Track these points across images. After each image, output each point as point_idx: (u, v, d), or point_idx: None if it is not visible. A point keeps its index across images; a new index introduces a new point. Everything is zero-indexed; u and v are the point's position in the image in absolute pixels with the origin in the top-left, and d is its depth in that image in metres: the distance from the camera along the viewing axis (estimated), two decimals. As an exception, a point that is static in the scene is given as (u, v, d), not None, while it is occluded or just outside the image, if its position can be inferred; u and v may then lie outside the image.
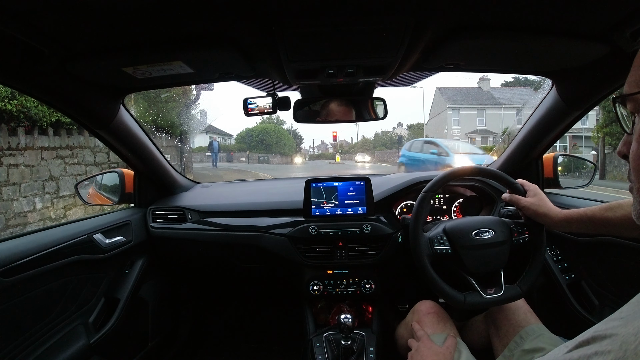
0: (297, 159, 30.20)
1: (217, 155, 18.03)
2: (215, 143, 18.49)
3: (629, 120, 0.41)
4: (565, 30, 0.76)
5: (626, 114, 0.41)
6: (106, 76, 0.94)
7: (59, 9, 0.61)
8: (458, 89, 27.74)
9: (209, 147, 18.53)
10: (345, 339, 1.09)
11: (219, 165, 17.50)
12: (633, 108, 0.39)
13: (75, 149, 5.32)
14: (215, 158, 17.69)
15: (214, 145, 18.12)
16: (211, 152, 17.96)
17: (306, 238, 1.27)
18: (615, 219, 0.79)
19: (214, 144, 18.29)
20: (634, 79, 0.39)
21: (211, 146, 18.26)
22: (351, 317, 1.07)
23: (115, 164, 5.95)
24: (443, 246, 1.02)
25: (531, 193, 0.98)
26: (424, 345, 0.91)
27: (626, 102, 0.40)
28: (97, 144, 5.66)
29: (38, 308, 0.98)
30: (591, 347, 0.30)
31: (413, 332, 1.02)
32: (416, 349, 0.93)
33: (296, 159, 29.75)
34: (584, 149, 17.27)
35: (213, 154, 17.54)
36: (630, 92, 0.39)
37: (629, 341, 0.27)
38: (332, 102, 1.21)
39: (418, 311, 1.07)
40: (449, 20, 0.73)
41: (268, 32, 0.73)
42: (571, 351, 0.32)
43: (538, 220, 0.97)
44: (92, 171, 5.58)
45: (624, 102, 0.40)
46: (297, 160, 29.77)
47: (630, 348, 0.26)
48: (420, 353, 0.90)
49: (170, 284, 1.61)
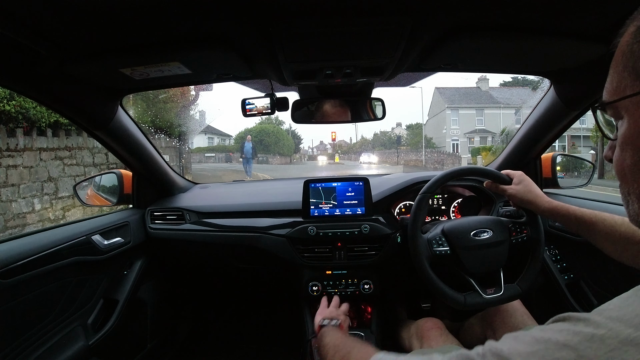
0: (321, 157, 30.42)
1: (251, 161, 12.42)
2: (249, 145, 12.41)
3: (612, 127, 0.40)
4: (563, 30, 0.76)
5: (606, 120, 0.41)
6: (104, 77, 0.94)
7: (57, 11, 0.61)
8: (457, 89, 27.77)
9: (242, 150, 12.57)
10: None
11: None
12: (613, 115, 0.39)
13: (74, 150, 5.31)
14: (249, 165, 12.24)
15: (247, 147, 12.28)
16: (244, 157, 12.47)
17: (305, 239, 1.27)
18: (601, 227, 0.76)
19: (246, 146, 12.37)
20: (612, 85, 0.38)
21: (244, 149, 12.39)
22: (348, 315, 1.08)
23: (114, 164, 5.92)
24: (442, 247, 1.02)
25: (517, 180, 0.96)
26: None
27: (606, 109, 0.39)
28: (95, 145, 5.62)
29: (37, 309, 0.98)
30: (564, 323, 0.31)
31: (412, 345, 1.03)
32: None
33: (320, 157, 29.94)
34: (583, 148, 17.28)
35: (245, 159, 12.32)
36: (610, 100, 0.38)
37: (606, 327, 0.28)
38: (330, 102, 1.21)
39: (422, 327, 1.07)
40: (447, 20, 0.73)
41: (265, 33, 0.73)
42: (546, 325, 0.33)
43: (526, 207, 0.96)
44: (91, 172, 5.53)
45: (604, 109, 0.40)
46: (321, 158, 29.98)
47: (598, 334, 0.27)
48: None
49: (169, 285, 1.61)
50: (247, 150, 12.19)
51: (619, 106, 0.37)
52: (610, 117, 0.39)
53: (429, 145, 27.39)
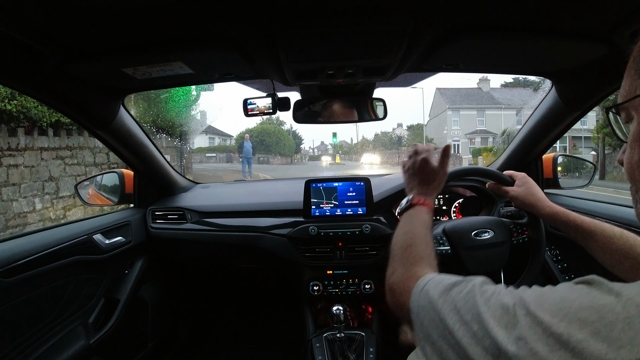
0: (325, 157, 30.05)
1: (251, 160, 11.93)
2: (248, 144, 11.97)
3: (625, 128, 0.41)
4: (564, 30, 0.76)
5: (621, 122, 0.42)
6: (106, 77, 0.94)
7: (60, 11, 0.61)
8: (458, 89, 27.67)
9: (239, 150, 12.29)
10: (339, 330, 1.10)
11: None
12: (626, 117, 0.40)
13: (75, 149, 5.27)
14: (249, 165, 11.72)
15: (246, 146, 11.79)
16: (242, 157, 11.99)
17: (306, 238, 1.27)
18: (599, 237, 0.75)
19: (245, 145, 11.85)
20: (625, 90, 0.40)
21: (242, 148, 11.89)
22: (343, 308, 1.09)
23: (115, 164, 5.87)
24: (443, 247, 1.02)
25: (519, 182, 0.96)
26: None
27: (619, 111, 0.41)
28: (96, 145, 5.57)
29: (38, 308, 0.98)
30: (590, 287, 0.32)
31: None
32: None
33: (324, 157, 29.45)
34: (584, 149, 17.25)
35: (244, 158, 11.74)
36: (621, 101, 0.40)
37: None
38: (331, 102, 1.22)
39: None
40: (448, 21, 0.73)
41: (268, 33, 0.73)
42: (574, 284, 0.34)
43: (527, 210, 0.96)
44: (92, 172, 5.49)
45: (617, 111, 0.41)
46: (325, 158, 29.61)
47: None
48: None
49: (170, 284, 1.61)
50: (246, 149, 11.77)
51: (629, 106, 0.39)
52: (623, 120, 0.41)
53: (429, 146, 27.26)
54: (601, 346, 0.27)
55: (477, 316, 0.35)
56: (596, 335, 0.28)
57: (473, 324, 0.35)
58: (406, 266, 0.57)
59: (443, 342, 0.38)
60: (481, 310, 0.36)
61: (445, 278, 0.45)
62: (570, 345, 0.28)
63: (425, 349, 0.42)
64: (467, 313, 0.37)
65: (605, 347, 0.27)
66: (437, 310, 0.41)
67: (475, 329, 0.35)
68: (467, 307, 0.37)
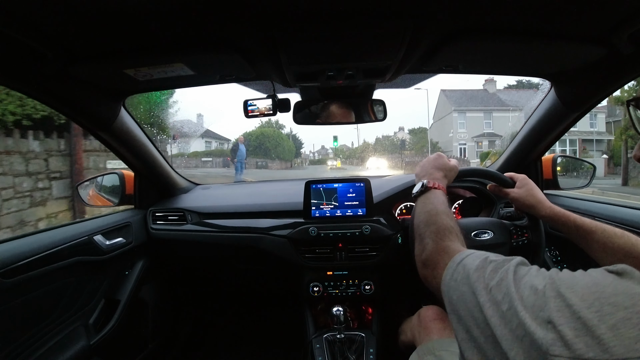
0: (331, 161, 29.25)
1: (243, 164, 11.64)
2: (243, 147, 11.60)
3: None
4: (563, 33, 0.77)
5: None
6: (108, 78, 0.95)
7: (62, 12, 0.62)
8: (463, 91, 26.54)
9: (233, 152, 11.67)
10: (339, 331, 1.10)
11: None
12: None
13: (1, 154, 3.92)
14: (241, 168, 11.35)
15: (241, 149, 11.36)
16: (237, 160, 11.33)
17: (306, 239, 1.27)
18: (600, 237, 0.75)
19: (240, 148, 11.38)
20: None
21: (236, 152, 11.39)
22: (343, 309, 1.09)
23: (57, 172, 4.66)
24: None
25: (520, 184, 0.96)
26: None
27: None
28: (30, 149, 4.39)
29: (38, 309, 0.98)
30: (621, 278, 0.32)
31: (414, 336, 1.02)
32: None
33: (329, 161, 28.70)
34: (595, 152, 16.95)
35: (238, 162, 11.24)
36: None
37: None
38: (332, 104, 1.22)
39: (424, 317, 1.06)
40: (448, 23, 0.73)
41: (269, 36, 0.73)
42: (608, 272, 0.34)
43: (527, 212, 0.96)
44: (23, 183, 4.30)
45: (638, 104, 0.41)
46: (331, 162, 28.82)
47: None
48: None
49: (170, 285, 1.61)
50: (240, 153, 11.23)
51: None
52: None
53: (435, 150, 26.67)
54: (632, 333, 0.27)
55: (508, 296, 0.35)
56: (628, 322, 0.28)
57: (503, 304, 0.35)
58: (436, 240, 0.59)
59: (470, 318, 0.38)
60: (512, 291, 0.36)
61: (483, 255, 0.45)
62: (597, 333, 0.28)
63: (453, 321, 0.42)
64: (499, 293, 0.37)
65: (636, 333, 0.27)
66: (471, 284, 0.41)
67: (504, 309, 0.35)
68: (499, 287, 0.37)
